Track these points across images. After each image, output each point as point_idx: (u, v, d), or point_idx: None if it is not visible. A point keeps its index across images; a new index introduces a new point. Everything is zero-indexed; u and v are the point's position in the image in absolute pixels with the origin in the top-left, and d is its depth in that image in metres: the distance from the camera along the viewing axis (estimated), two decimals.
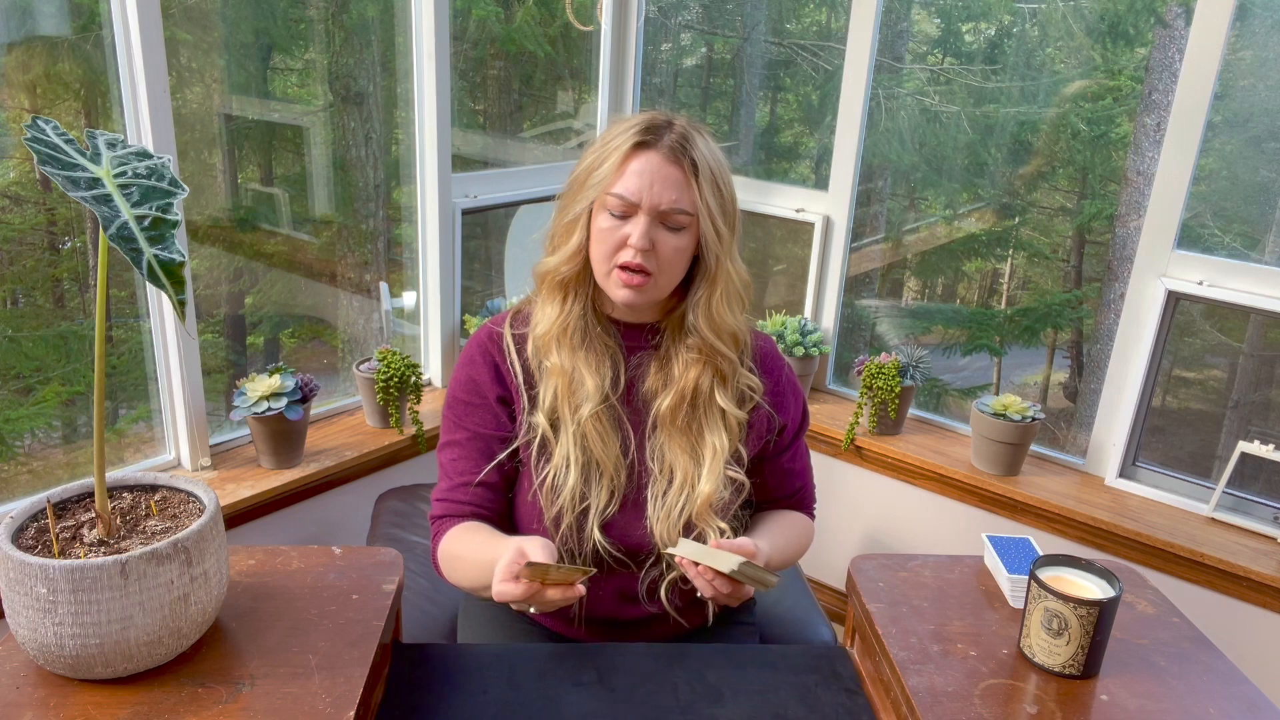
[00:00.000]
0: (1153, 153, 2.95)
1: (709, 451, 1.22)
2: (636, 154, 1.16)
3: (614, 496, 1.21)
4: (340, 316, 2.52)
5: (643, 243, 1.15)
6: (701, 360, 1.22)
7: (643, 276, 1.17)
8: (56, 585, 0.83)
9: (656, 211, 1.15)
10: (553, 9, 2.67)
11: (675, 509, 1.21)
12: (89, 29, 1.77)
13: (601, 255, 1.18)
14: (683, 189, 1.16)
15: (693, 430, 1.23)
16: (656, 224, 1.16)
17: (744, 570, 1.04)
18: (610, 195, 1.16)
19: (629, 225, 1.16)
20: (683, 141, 1.17)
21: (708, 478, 1.21)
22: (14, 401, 1.93)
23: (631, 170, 1.16)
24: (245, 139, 2.26)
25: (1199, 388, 3.16)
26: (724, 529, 1.21)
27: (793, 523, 1.34)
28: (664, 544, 1.21)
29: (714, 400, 1.23)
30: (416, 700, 1.00)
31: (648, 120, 1.19)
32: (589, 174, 1.19)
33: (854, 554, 1.31)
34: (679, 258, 1.18)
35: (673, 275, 1.20)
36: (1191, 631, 1.10)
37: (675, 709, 1.00)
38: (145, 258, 0.79)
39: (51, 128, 0.87)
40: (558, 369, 1.21)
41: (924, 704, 0.93)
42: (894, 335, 3.29)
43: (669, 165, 1.16)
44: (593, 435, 1.20)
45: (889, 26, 2.82)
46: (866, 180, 2.79)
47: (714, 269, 1.20)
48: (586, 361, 1.22)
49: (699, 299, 1.22)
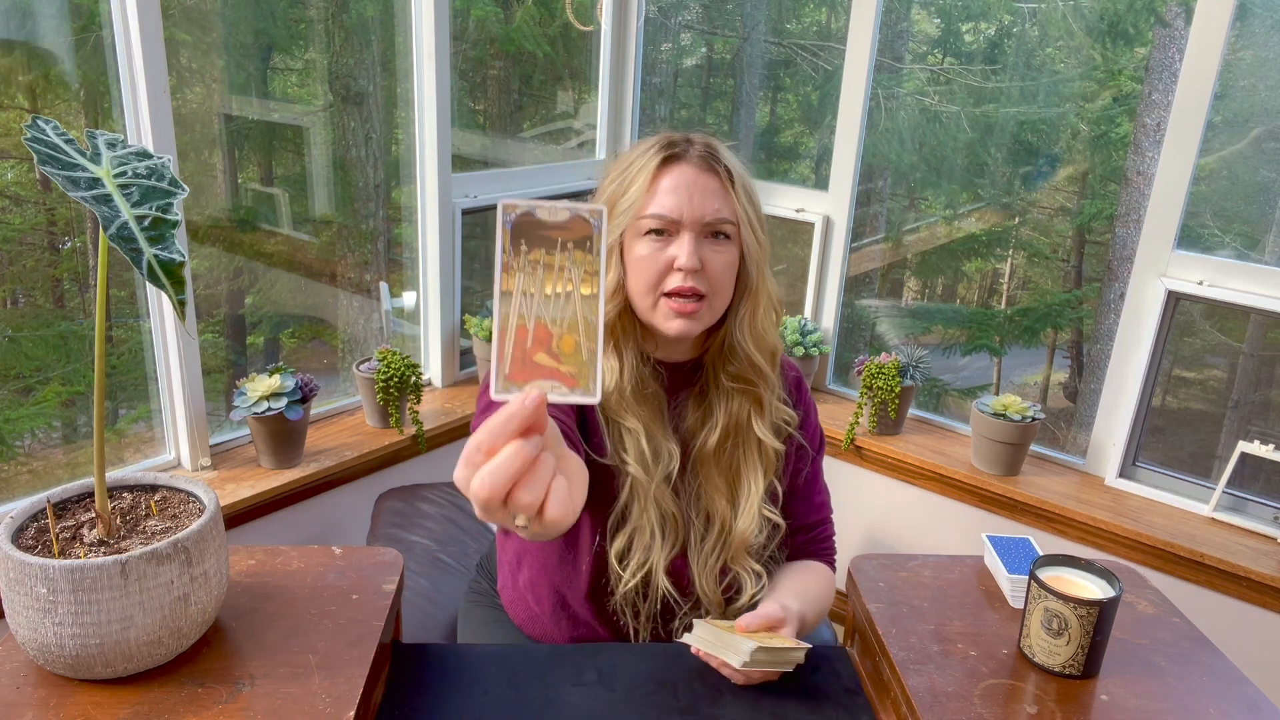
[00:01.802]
0: (1153, 153, 2.95)
1: (744, 490, 1.17)
2: (667, 169, 1.09)
3: (675, 547, 1.17)
4: (340, 316, 2.52)
5: (692, 262, 1.05)
6: (740, 389, 1.17)
7: (696, 302, 1.08)
8: (56, 585, 0.83)
9: (701, 224, 1.07)
10: (552, 9, 2.67)
11: (712, 555, 1.18)
12: (89, 29, 1.77)
13: (645, 286, 1.09)
14: (723, 197, 1.08)
15: (731, 468, 1.18)
16: (702, 239, 1.08)
17: (757, 659, 0.99)
18: (646, 218, 1.08)
19: (673, 247, 1.07)
20: (710, 150, 1.10)
21: (743, 517, 1.17)
22: (14, 401, 1.93)
23: (665, 187, 1.08)
24: (245, 139, 2.26)
25: (1199, 388, 3.16)
26: (759, 572, 1.19)
27: (817, 576, 1.26)
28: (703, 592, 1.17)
29: (752, 431, 1.17)
30: (416, 700, 1.00)
31: (665, 138, 1.12)
32: (614, 203, 1.10)
33: (854, 554, 1.31)
34: (729, 273, 1.10)
35: (725, 295, 1.11)
36: (1191, 631, 1.10)
37: (675, 709, 1.00)
38: (145, 258, 0.79)
39: (51, 128, 0.87)
40: (638, 431, 1.12)
41: (924, 704, 0.93)
42: (894, 335, 3.30)
43: (704, 174, 1.08)
44: (667, 496, 1.15)
45: (889, 26, 2.82)
46: (866, 180, 2.79)
47: (756, 282, 1.13)
48: (654, 418, 1.14)
49: (744, 315, 1.13)
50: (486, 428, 0.57)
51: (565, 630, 1.25)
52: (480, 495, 0.55)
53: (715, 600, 1.20)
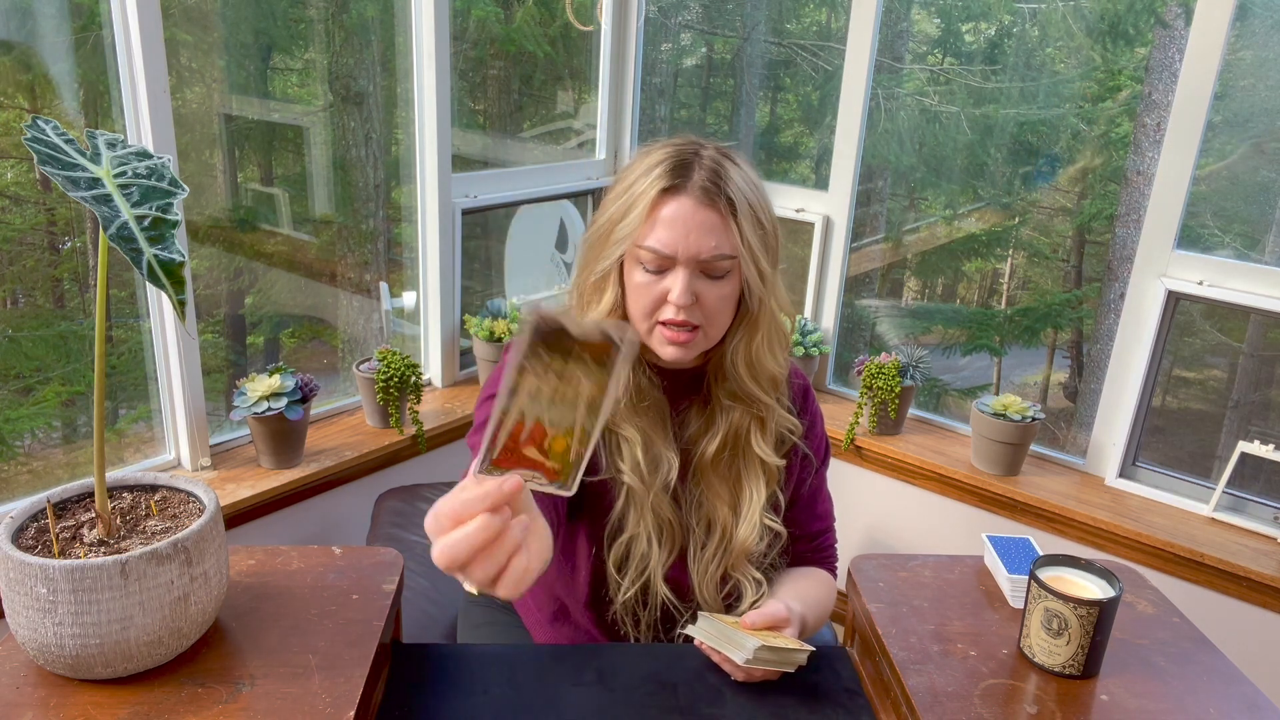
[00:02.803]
0: (1153, 153, 2.95)
1: (746, 498, 1.17)
2: (665, 200, 1.05)
3: (673, 554, 1.18)
4: (340, 316, 2.53)
5: (685, 299, 1.05)
6: (740, 406, 1.16)
7: (689, 332, 1.08)
8: (56, 585, 0.83)
9: (696, 262, 1.05)
10: (553, 9, 2.68)
11: (712, 562, 1.18)
12: (89, 29, 1.77)
13: (641, 312, 1.09)
14: (721, 233, 1.05)
15: (732, 476, 1.18)
16: (697, 275, 1.06)
17: (760, 656, 0.99)
18: (642, 249, 1.06)
19: (667, 279, 1.06)
20: (715, 179, 1.05)
21: (744, 524, 1.16)
22: (14, 401, 1.93)
23: (662, 220, 1.05)
24: (245, 139, 2.26)
25: (1199, 388, 3.16)
26: (760, 579, 1.19)
27: (819, 581, 1.26)
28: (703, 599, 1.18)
29: (751, 446, 1.17)
30: (416, 700, 1.00)
31: (674, 156, 1.08)
32: (613, 226, 1.09)
33: (854, 554, 1.30)
34: (725, 305, 1.09)
35: (721, 324, 1.11)
36: (1191, 631, 1.10)
37: (675, 709, 1.00)
38: (145, 258, 0.79)
39: (51, 128, 0.87)
40: (634, 440, 1.13)
41: (924, 704, 0.93)
42: (894, 335, 3.30)
43: (703, 209, 1.05)
44: (665, 504, 1.15)
45: (889, 26, 2.82)
46: (866, 180, 2.79)
47: (756, 312, 1.11)
48: (653, 427, 1.14)
49: (738, 343, 1.13)
50: (460, 499, 0.60)
51: (566, 638, 1.26)
52: (439, 563, 0.60)
53: (716, 607, 1.20)
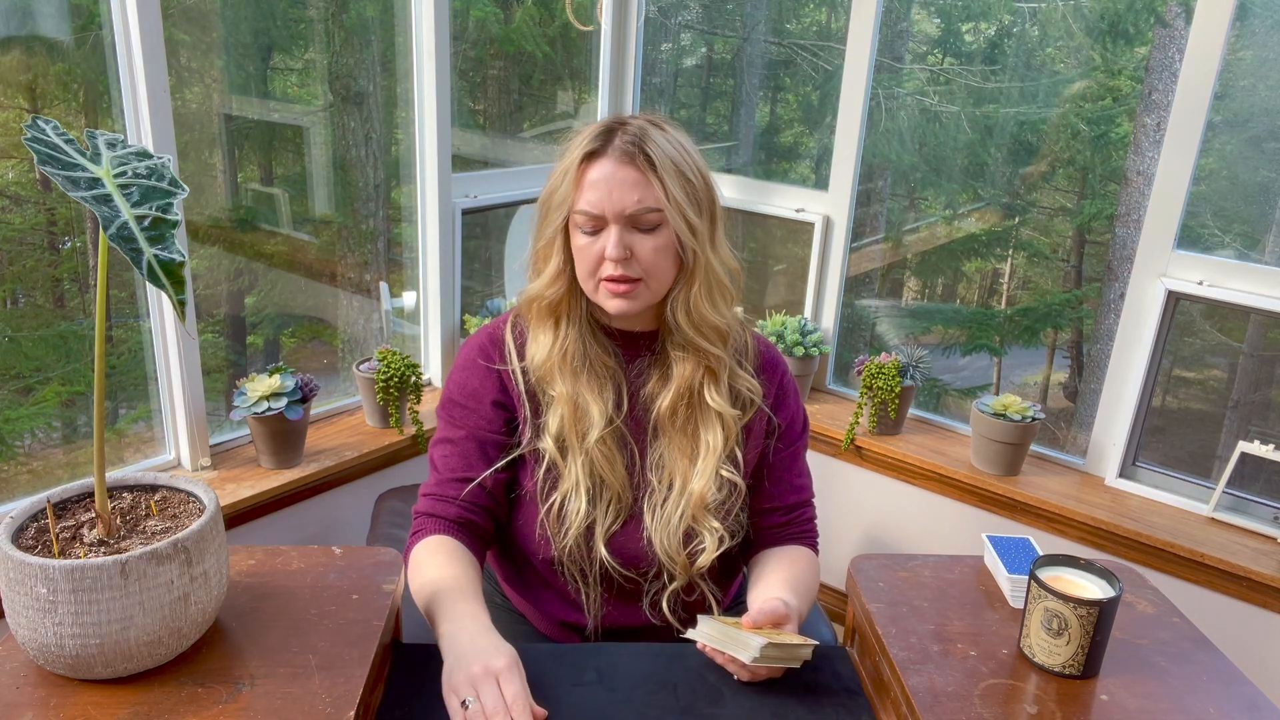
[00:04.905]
0: (1153, 153, 2.95)
1: (703, 449, 1.21)
2: (589, 164, 1.15)
3: (619, 514, 1.21)
4: (340, 316, 2.53)
5: (617, 253, 1.13)
6: (691, 357, 1.21)
7: (629, 284, 1.15)
8: (56, 585, 0.83)
9: (623, 217, 1.13)
10: (552, 9, 2.68)
11: (674, 517, 1.20)
12: (88, 29, 1.77)
13: (585, 272, 1.17)
14: (644, 187, 1.13)
15: (689, 430, 1.22)
16: (629, 229, 1.14)
17: (766, 655, 1.00)
18: (576, 213, 1.15)
19: (602, 238, 1.14)
20: (636, 141, 1.14)
21: (700, 476, 1.20)
22: (14, 401, 1.93)
23: (588, 183, 1.14)
24: (245, 139, 2.26)
25: (1199, 388, 3.16)
26: (722, 533, 1.20)
27: (805, 565, 1.27)
28: (666, 556, 1.20)
29: (705, 397, 1.22)
30: (416, 700, 1.00)
31: (602, 126, 1.17)
32: (551, 195, 1.18)
33: (854, 554, 1.31)
34: (661, 257, 1.16)
35: (662, 276, 1.17)
36: (1191, 631, 1.10)
37: (675, 709, 1.00)
38: (145, 258, 0.79)
39: (51, 128, 0.87)
40: (563, 397, 1.20)
41: (924, 704, 0.93)
42: (894, 335, 3.30)
43: (623, 168, 1.13)
44: (600, 460, 1.20)
45: (889, 26, 2.82)
46: (866, 180, 2.79)
47: (691, 263, 1.18)
48: (589, 386, 1.21)
49: (678, 295, 1.19)
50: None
51: (532, 590, 1.30)
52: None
53: (680, 563, 1.21)
